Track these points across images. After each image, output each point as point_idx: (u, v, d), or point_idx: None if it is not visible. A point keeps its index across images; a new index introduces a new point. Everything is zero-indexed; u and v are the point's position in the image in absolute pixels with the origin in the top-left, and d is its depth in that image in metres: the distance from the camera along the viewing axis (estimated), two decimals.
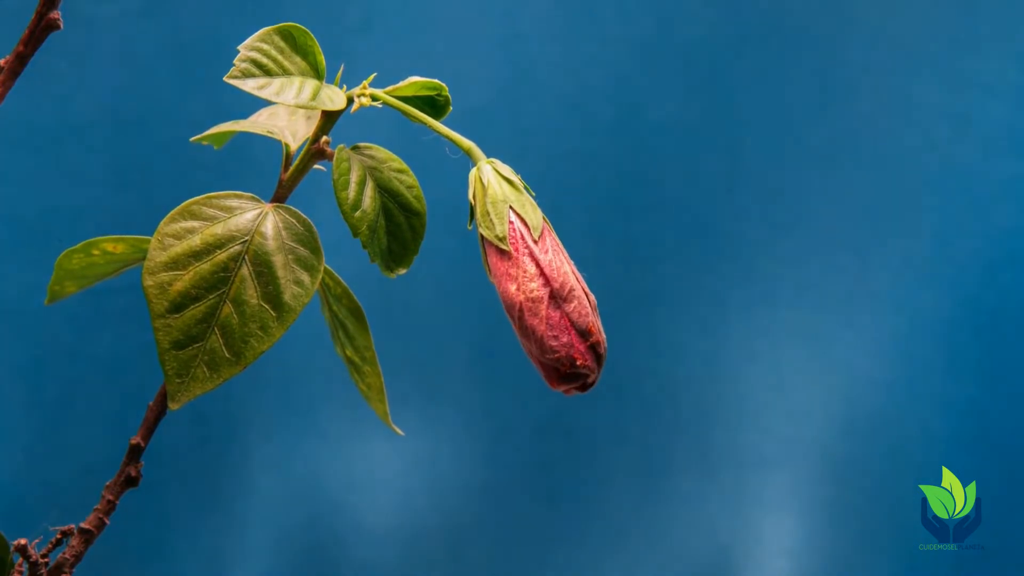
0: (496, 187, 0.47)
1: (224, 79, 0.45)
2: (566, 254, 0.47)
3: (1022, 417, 0.97)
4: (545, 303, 0.45)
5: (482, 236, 0.47)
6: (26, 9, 0.47)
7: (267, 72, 0.46)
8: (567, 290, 0.45)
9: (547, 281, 0.45)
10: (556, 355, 0.44)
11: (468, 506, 0.97)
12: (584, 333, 0.45)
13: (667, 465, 0.97)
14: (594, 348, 0.45)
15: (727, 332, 0.97)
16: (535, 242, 0.46)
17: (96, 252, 0.53)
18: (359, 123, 0.51)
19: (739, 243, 0.97)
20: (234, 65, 0.45)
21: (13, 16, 0.58)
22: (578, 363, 0.44)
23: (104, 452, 0.88)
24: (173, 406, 0.45)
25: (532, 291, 0.45)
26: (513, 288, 0.45)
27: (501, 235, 0.46)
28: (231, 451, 0.94)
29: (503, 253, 0.46)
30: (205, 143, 0.58)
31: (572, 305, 0.45)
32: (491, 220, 0.47)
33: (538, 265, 0.46)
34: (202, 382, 0.45)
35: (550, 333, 0.45)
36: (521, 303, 0.45)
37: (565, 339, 0.44)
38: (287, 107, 0.53)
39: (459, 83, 0.54)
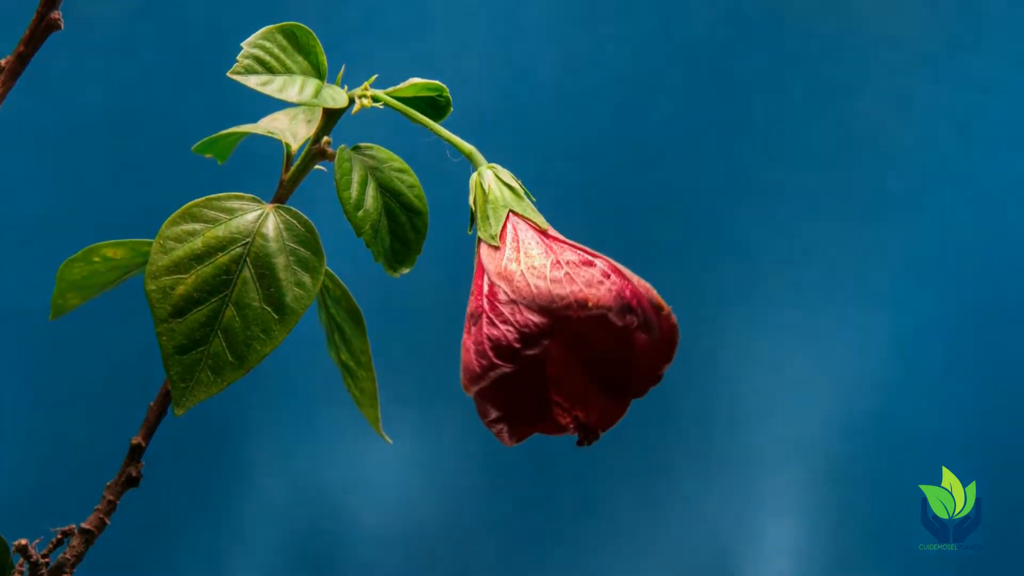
0: (497, 192, 0.47)
1: (227, 75, 0.45)
2: None
3: (1022, 417, 0.97)
4: (550, 268, 0.44)
5: (479, 239, 0.46)
6: (26, 9, 0.47)
7: (270, 69, 0.46)
8: (619, 266, 0.45)
9: (592, 257, 0.45)
10: (564, 301, 0.43)
11: (468, 506, 0.97)
12: (657, 307, 0.44)
13: (667, 465, 0.97)
14: (668, 319, 0.44)
15: (727, 332, 0.97)
16: (545, 231, 0.46)
17: (97, 259, 0.52)
18: (359, 124, 0.51)
19: (739, 243, 0.97)
20: (237, 61, 0.45)
21: (13, 16, 0.58)
22: (590, 304, 0.42)
23: (104, 452, 0.88)
24: (178, 411, 0.44)
25: (536, 267, 0.44)
26: (513, 265, 0.44)
27: (495, 233, 0.46)
28: (231, 451, 0.94)
29: (497, 250, 0.45)
30: (208, 156, 0.57)
31: (637, 279, 0.44)
32: (490, 223, 0.46)
33: (572, 247, 0.45)
34: (206, 386, 0.45)
35: (556, 286, 0.43)
36: (523, 271, 0.44)
37: (570, 288, 0.43)
38: (287, 111, 0.53)
39: (459, 83, 0.54)
